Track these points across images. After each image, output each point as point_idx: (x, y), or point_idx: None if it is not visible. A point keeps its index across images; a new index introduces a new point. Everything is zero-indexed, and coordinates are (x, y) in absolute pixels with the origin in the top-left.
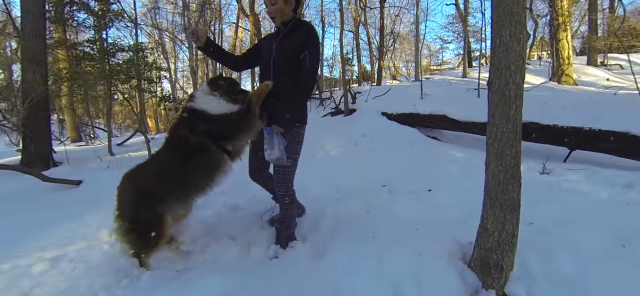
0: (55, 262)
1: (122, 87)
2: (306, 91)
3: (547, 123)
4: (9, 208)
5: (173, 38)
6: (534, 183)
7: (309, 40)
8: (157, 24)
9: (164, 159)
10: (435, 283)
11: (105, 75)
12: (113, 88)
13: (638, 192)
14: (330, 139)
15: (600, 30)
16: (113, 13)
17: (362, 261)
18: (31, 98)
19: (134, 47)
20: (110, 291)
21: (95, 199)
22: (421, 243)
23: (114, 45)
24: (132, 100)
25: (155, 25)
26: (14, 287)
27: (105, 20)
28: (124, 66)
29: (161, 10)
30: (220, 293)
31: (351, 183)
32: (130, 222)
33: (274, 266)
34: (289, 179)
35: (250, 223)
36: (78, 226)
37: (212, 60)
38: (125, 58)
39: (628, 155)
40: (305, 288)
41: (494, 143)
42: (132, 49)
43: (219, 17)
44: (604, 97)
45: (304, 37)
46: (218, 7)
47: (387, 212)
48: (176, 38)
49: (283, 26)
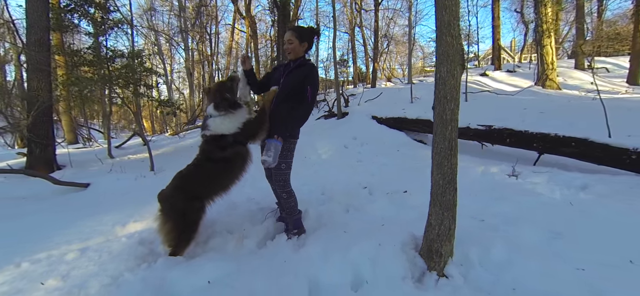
0: (83, 252)
1: (120, 91)
2: (304, 117)
3: (519, 130)
4: (29, 209)
5: (169, 39)
6: (502, 184)
7: (311, 77)
8: (153, 25)
9: (207, 170)
10: (387, 266)
11: (105, 80)
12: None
13: (588, 193)
14: (322, 143)
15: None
16: (112, 21)
17: (333, 251)
18: (38, 107)
19: (132, 53)
20: (133, 273)
21: (105, 201)
22: (383, 236)
23: (114, 51)
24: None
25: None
26: (54, 271)
27: (105, 27)
28: (123, 71)
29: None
30: (218, 275)
31: (336, 186)
32: (175, 219)
33: (262, 254)
34: (285, 179)
35: (245, 220)
36: (95, 224)
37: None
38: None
39: (587, 159)
40: (286, 271)
41: (436, 156)
42: (130, 55)
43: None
44: (582, 102)
45: (308, 73)
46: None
47: (363, 211)
48: (172, 39)
49: (293, 62)
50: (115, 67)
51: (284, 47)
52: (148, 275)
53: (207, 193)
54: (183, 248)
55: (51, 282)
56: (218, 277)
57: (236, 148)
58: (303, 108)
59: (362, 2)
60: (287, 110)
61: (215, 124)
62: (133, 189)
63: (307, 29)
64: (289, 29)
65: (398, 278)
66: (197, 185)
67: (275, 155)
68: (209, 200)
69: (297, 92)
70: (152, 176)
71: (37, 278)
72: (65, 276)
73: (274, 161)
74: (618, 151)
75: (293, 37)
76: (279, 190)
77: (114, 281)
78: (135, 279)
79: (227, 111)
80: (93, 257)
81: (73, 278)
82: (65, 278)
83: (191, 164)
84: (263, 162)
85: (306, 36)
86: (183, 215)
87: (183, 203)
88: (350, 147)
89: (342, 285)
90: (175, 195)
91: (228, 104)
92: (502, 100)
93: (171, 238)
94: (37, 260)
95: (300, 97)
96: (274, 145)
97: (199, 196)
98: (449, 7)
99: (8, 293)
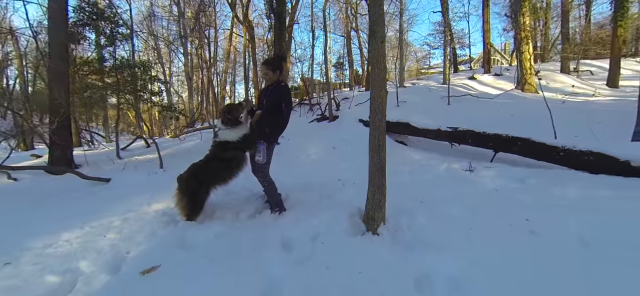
0: (124, 220)
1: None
2: (282, 126)
3: (478, 131)
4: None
5: (168, 44)
6: (456, 177)
7: (285, 97)
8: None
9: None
10: (337, 227)
11: (116, 88)
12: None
13: (519, 182)
14: (313, 144)
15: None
16: (122, 35)
17: (301, 220)
18: (62, 113)
19: (141, 63)
20: (163, 230)
21: (127, 191)
22: (339, 210)
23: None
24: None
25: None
26: (109, 230)
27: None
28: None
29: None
30: (220, 231)
31: (317, 179)
32: (186, 194)
33: (252, 223)
34: (265, 172)
35: (240, 201)
36: (126, 205)
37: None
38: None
39: (530, 156)
40: (266, 230)
41: (370, 151)
42: (137, 65)
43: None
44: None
45: (282, 94)
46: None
47: (332, 198)
48: (172, 44)
49: (271, 86)
50: (123, 75)
51: (262, 77)
52: (173, 230)
53: (212, 182)
54: (195, 216)
55: (111, 235)
56: (220, 233)
57: (236, 152)
58: (281, 120)
59: (358, 7)
60: (268, 123)
61: (223, 133)
62: (148, 183)
63: (276, 59)
64: (263, 64)
65: (342, 233)
66: (206, 175)
67: (264, 155)
68: (213, 187)
69: (275, 109)
70: (162, 173)
71: (99, 234)
72: (118, 232)
73: (264, 159)
74: (550, 149)
75: (268, 70)
76: (260, 180)
77: (151, 234)
78: (165, 233)
79: (231, 126)
80: (133, 223)
81: (124, 233)
82: (119, 233)
83: (203, 159)
84: (257, 161)
85: (277, 65)
86: (194, 194)
87: (195, 186)
88: (339, 147)
89: (304, 237)
90: (190, 179)
91: (231, 121)
92: (482, 104)
93: (186, 209)
94: (93, 226)
95: (278, 111)
96: (262, 147)
97: (206, 183)
98: (376, 48)
99: (84, 242)
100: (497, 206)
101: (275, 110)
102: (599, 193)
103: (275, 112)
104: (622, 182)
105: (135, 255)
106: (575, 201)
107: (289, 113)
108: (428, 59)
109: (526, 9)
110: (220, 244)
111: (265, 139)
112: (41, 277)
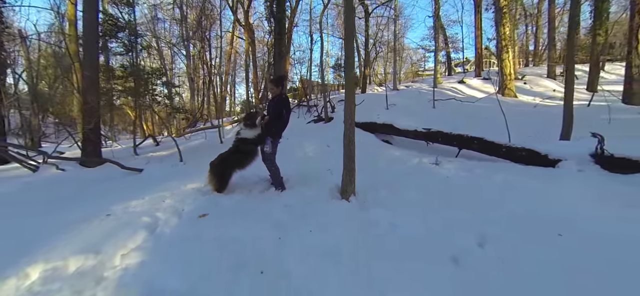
0: (172, 193)
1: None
2: (283, 127)
3: (446, 132)
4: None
5: (171, 47)
6: (422, 168)
7: (286, 106)
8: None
9: (236, 155)
10: (321, 196)
11: (139, 93)
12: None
13: (467, 172)
14: (310, 143)
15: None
16: (141, 46)
17: (297, 194)
18: (96, 116)
19: (159, 70)
20: (203, 198)
21: (160, 178)
22: (324, 188)
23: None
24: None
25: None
26: (163, 199)
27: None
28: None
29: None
30: (240, 199)
31: (311, 169)
32: (216, 175)
33: (261, 196)
34: (272, 159)
35: (252, 182)
36: (167, 186)
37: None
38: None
39: (484, 152)
40: (272, 200)
41: (344, 147)
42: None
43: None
44: (524, 109)
45: (283, 104)
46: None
47: (321, 180)
48: (174, 46)
49: (276, 98)
50: (141, 81)
51: (269, 91)
52: (209, 198)
53: (234, 167)
54: (222, 190)
55: (167, 201)
56: (240, 200)
57: (252, 147)
58: (282, 123)
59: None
60: (274, 125)
61: (244, 133)
62: (174, 172)
63: (278, 78)
64: (269, 82)
65: (324, 200)
66: (230, 162)
67: (270, 146)
68: (235, 171)
69: (279, 114)
70: (182, 165)
71: (158, 201)
72: (172, 199)
73: (270, 150)
74: (497, 146)
75: (273, 86)
76: (268, 166)
77: (194, 199)
78: (203, 199)
79: (250, 128)
80: (178, 195)
81: (176, 199)
82: (173, 199)
83: (228, 151)
84: (265, 151)
85: (279, 83)
86: (222, 175)
87: (222, 169)
88: (332, 145)
89: (299, 202)
90: (219, 164)
91: (250, 125)
92: (463, 107)
93: (216, 185)
94: (151, 197)
95: (280, 116)
96: (269, 141)
97: (230, 167)
98: (349, 75)
99: (150, 205)
100: (440, 186)
101: (278, 115)
102: (515, 178)
103: (279, 117)
104: (539, 170)
105: (189, 210)
106: (498, 183)
107: (288, 117)
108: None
109: (506, 20)
110: (241, 206)
111: (272, 136)
112: (138, 218)
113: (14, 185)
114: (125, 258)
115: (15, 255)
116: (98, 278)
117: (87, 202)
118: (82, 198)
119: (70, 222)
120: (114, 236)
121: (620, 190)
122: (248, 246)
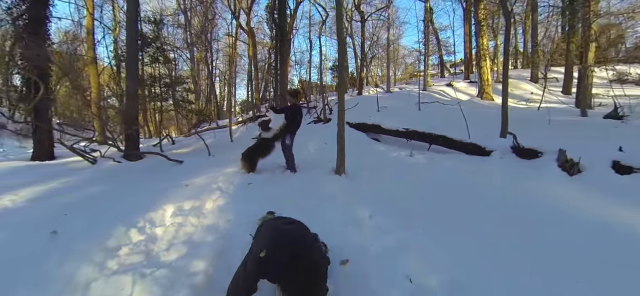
0: (221, 173)
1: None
2: (297, 127)
3: (420, 131)
4: (166, 170)
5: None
6: (399, 159)
7: (299, 112)
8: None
9: (260, 148)
10: (320, 173)
11: (162, 98)
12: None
13: (428, 160)
14: (311, 141)
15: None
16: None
17: (304, 173)
18: (136, 120)
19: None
20: (241, 177)
21: (201, 166)
22: (323, 170)
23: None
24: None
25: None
26: (216, 178)
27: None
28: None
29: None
30: (266, 177)
31: (314, 160)
32: (248, 159)
33: (282, 175)
34: (290, 149)
35: (272, 168)
36: (210, 172)
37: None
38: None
39: (447, 146)
40: (288, 179)
41: (337, 137)
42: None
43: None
44: (494, 111)
45: (297, 112)
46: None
47: (322, 167)
48: (178, 49)
49: (292, 107)
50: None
51: (287, 100)
52: (245, 176)
53: (259, 155)
54: (252, 171)
55: (220, 178)
56: (268, 177)
57: (271, 143)
58: (297, 124)
59: (353, 14)
60: (291, 125)
61: (264, 134)
62: (208, 163)
63: (294, 92)
64: (288, 94)
65: (323, 177)
66: (256, 152)
67: (290, 140)
68: (260, 158)
69: (293, 119)
70: (212, 157)
71: (212, 180)
72: (223, 176)
73: (290, 142)
74: (454, 142)
75: (290, 97)
76: (287, 155)
77: (238, 177)
78: (244, 177)
79: (266, 131)
80: (225, 175)
81: (225, 177)
82: (223, 176)
83: (253, 145)
84: (285, 142)
85: (294, 95)
86: (251, 161)
87: (251, 157)
88: (329, 143)
89: (306, 177)
90: (248, 154)
91: (265, 129)
92: (444, 109)
93: (248, 168)
94: (206, 177)
95: (294, 119)
96: (288, 136)
97: (256, 155)
98: (342, 78)
99: (208, 182)
100: (407, 169)
101: (293, 118)
102: (459, 164)
103: (294, 120)
104: (478, 158)
105: (238, 182)
106: (446, 167)
107: (301, 120)
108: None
109: (484, 32)
110: (271, 179)
111: (290, 133)
112: (208, 186)
113: (101, 171)
114: (215, 202)
115: (153, 202)
116: (205, 210)
117: (162, 181)
118: (154, 179)
119: (167, 188)
120: (200, 194)
121: (520, 169)
122: (283, 197)
